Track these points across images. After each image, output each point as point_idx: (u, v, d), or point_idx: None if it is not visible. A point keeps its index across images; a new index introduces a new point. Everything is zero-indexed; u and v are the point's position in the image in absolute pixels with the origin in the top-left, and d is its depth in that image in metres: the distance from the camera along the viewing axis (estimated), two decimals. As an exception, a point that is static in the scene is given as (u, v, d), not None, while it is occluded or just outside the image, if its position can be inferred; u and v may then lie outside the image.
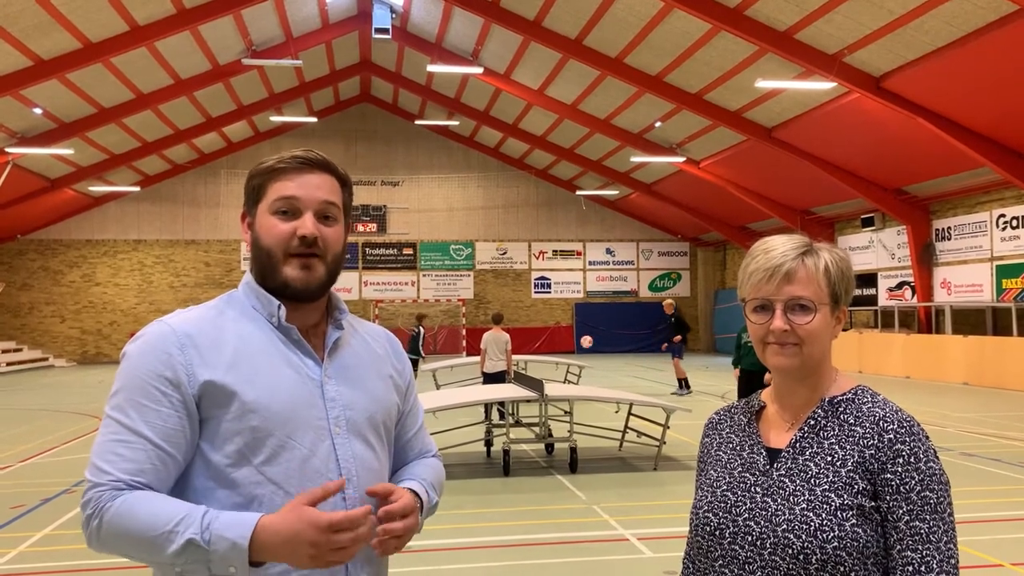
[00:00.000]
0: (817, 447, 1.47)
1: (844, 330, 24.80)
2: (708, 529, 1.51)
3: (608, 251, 35.28)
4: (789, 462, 1.48)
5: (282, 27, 22.38)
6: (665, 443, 9.56)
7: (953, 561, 1.36)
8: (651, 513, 7.30)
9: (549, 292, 34.75)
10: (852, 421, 1.47)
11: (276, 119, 28.40)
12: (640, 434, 10.38)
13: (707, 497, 1.55)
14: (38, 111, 21.29)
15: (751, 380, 10.71)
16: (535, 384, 9.47)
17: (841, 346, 23.30)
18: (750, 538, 1.45)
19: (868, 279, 24.78)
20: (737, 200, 26.89)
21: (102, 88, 21.66)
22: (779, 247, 1.51)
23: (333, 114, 32.51)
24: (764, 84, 17.80)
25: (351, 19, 24.12)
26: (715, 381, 20.28)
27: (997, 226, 19.99)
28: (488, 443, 10.23)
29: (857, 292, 25.16)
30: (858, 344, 22.73)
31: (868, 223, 24.23)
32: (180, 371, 1.53)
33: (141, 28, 19.15)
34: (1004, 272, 19.71)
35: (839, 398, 1.51)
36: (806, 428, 1.50)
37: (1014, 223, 19.51)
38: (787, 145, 21.51)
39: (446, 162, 34.01)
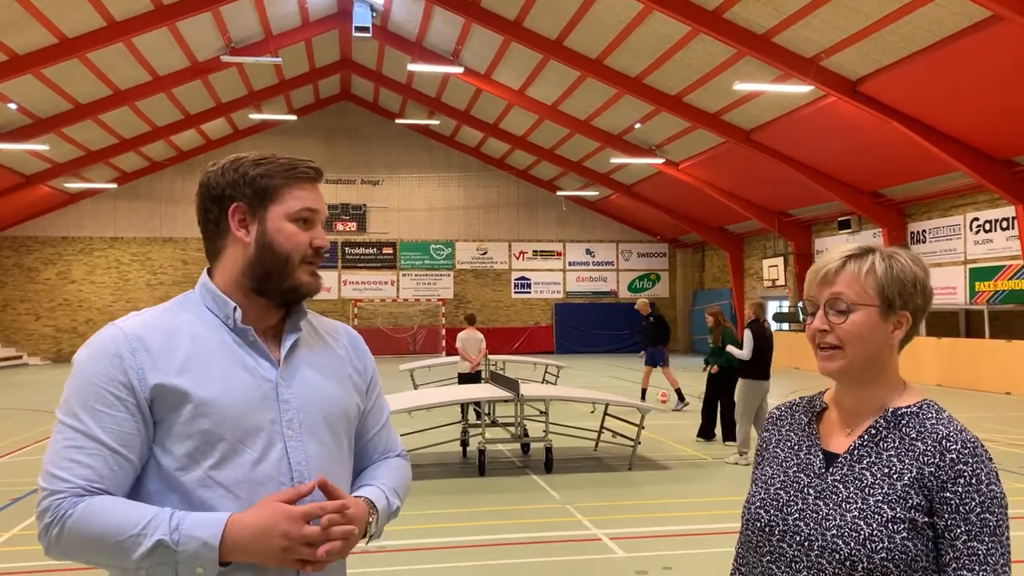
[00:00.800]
0: (875, 457, 1.48)
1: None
2: (758, 525, 1.54)
3: (588, 252, 35.35)
4: (845, 468, 1.49)
5: (261, 24, 22.25)
6: (640, 443, 9.61)
7: None
8: (625, 513, 7.34)
9: (529, 292, 34.77)
10: (914, 435, 1.47)
11: (255, 117, 28.21)
12: (615, 434, 10.43)
13: (760, 493, 1.58)
14: (13, 107, 21.04)
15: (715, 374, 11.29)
16: (511, 384, 9.49)
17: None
18: (798, 538, 1.47)
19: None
20: (715, 202, 27.03)
21: (78, 84, 21.44)
22: (835, 252, 1.54)
23: (313, 112, 32.35)
24: (742, 87, 17.90)
25: (331, 17, 24.02)
26: (694, 382, 20.36)
27: (971, 229, 20.24)
28: (464, 443, 10.24)
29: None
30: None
31: (845, 225, 24.43)
32: (132, 375, 1.53)
33: (118, 24, 18.96)
34: (977, 275, 19.95)
35: (903, 410, 1.51)
36: (866, 436, 1.50)
37: (987, 227, 19.76)
38: (765, 147, 21.65)
39: (427, 161, 33.95)
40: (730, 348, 10.08)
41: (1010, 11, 12.51)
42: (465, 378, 12.83)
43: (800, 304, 1.60)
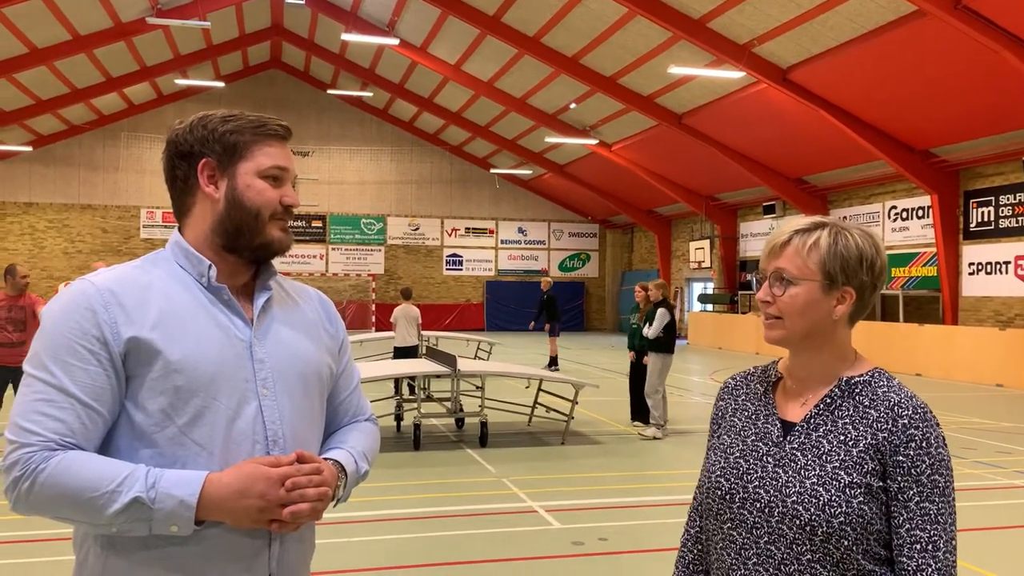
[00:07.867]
0: (831, 425, 1.52)
1: (743, 313, 25.69)
2: (719, 493, 1.58)
3: (520, 230, 35.47)
4: (802, 436, 1.54)
5: (190, -14, 21.51)
6: (573, 418, 9.76)
7: (955, 542, 1.45)
8: (559, 486, 7.46)
9: (461, 269, 34.73)
10: (867, 403, 1.52)
11: (181, 82, 27.28)
12: (549, 409, 10.56)
13: (720, 462, 1.61)
14: (-81, 61, 19.92)
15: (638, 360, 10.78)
16: (448, 359, 9.51)
17: (742, 329, 24.15)
18: (759, 505, 1.51)
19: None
20: (646, 184, 27.42)
21: (-8, 40, 20.41)
22: (787, 226, 1.58)
23: (241, 79, 31.48)
24: (676, 71, 18.12)
25: (263, -18, 23.39)
26: (620, 360, 20.70)
27: (889, 217, 21.02)
28: (398, 418, 10.23)
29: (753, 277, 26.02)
30: (755, 328, 23.59)
31: (769, 210, 25.06)
32: (106, 329, 1.51)
33: (36, -22, 18.11)
34: (894, 261, 20.74)
35: (856, 379, 1.56)
36: (821, 405, 1.55)
37: (904, 215, 20.56)
38: (696, 132, 22.03)
39: (359, 134, 33.45)
40: (647, 330, 10.04)
41: (933, 6, 12.98)
42: (401, 353, 12.80)
43: (752, 275, 1.67)
